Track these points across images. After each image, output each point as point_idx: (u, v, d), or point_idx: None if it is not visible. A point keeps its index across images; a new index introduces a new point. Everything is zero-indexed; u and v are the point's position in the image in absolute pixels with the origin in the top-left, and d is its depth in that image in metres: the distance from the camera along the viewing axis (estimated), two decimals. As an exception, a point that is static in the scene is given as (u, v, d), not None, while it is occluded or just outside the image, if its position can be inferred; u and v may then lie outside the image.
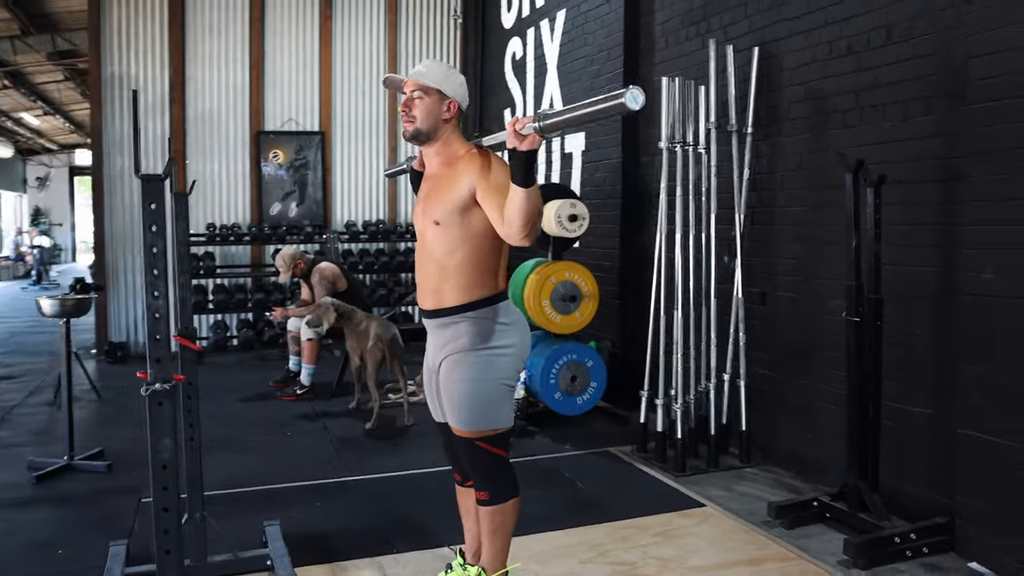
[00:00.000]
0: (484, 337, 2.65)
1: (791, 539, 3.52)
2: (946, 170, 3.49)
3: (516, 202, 2.40)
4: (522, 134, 2.31)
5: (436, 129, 2.70)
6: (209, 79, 8.38)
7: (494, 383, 2.67)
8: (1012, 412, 3.08)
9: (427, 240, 2.72)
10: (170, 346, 2.01)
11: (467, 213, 2.61)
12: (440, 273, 2.68)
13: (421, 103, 2.68)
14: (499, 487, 2.73)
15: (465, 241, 2.63)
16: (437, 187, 2.69)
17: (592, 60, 6.32)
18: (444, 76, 2.72)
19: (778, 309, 4.54)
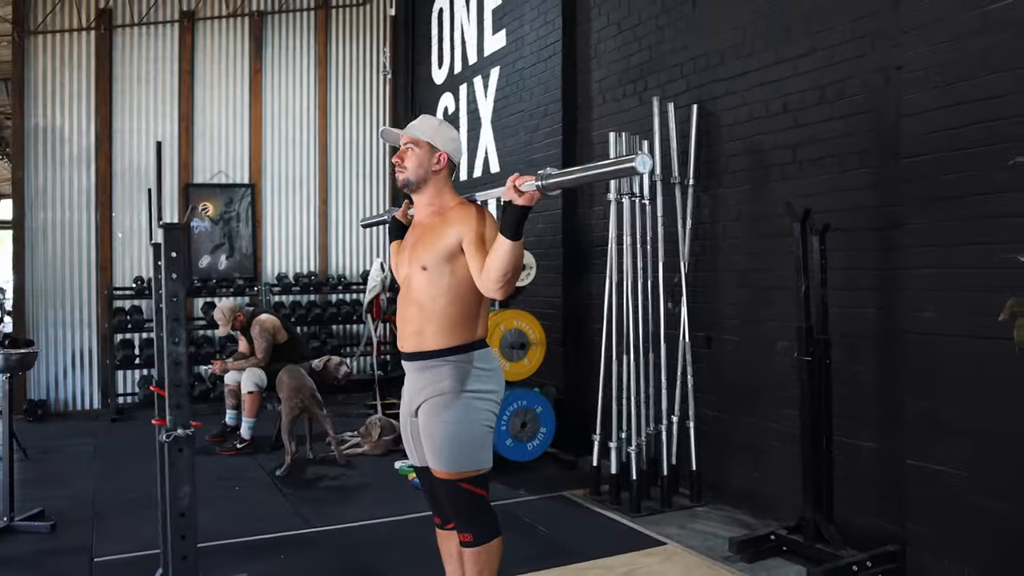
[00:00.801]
0: (464, 381, 2.72)
1: (752, 572, 3.66)
2: (883, 218, 3.76)
3: (500, 253, 2.51)
4: (521, 190, 2.44)
5: (426, 179, 2.82)
6: (137, 131, 8.26)
7: (475, 424, 2.74)
8: (955, 443, 3.31)
9: (412, 285, 2.81)
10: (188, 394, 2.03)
11: (453, 261, 2.71)
12: (423, 316, 2.76)
13: (412, 154, 2.82)
14: (482, 527, 2.78)
15: (450, 288, 2.73)
16: (426, 235, 2.80)
17: (530, 115, 6.53)
18: (435, 130, 2.86)
19: (724, 352, 4.74)
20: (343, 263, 9.20)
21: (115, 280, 8.08)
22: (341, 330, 9.00)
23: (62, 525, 4.43)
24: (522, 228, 2.49)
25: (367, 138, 9.35)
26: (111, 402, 7.69)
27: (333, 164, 9.15)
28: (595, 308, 5.85)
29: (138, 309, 7.96)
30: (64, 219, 7.97)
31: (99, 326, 8.03)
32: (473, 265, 2.65)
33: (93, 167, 8.08)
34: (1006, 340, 3.06)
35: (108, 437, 6.85)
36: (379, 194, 9.40)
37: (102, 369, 8.00)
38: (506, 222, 2.50)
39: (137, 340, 8.00)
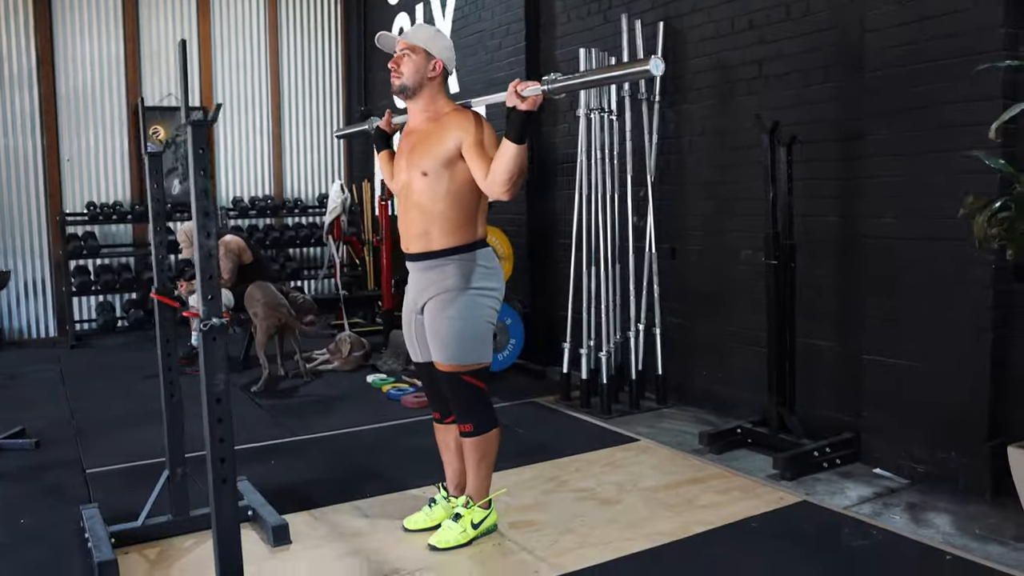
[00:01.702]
0: (468, 278, 2.89)
1: (723, 461, 3.93)
2: (846, 130, 3.96)
3: (506, 157, 2.67)
4: (523, 95, 2.56)
5: (421, 85, 2.92)
6: (81, 52, 8.00)
7: (480, 320, 2.92)
8: (910, 337, 3.59)
9: (413, 190, 2.93)
10: (219, 285, 2.13)
11: (452, 165, 2.84)
12: (426, 219, 2.89)
13: (408, 60, 2.91)
14: (483, 418, 2.98)
15: (449, 192, 2.86)
16: (424, 140, 2.90)
17: (491, 34, 6.54)
18: (430, 37, 2.95)
19: (688, 262, 4.96)
20: (299, 186, 9.15)
21: (65, 206, 7.92)
22: (299, 253, 9.01)
23: (45, 443, 4.47)
24: (526, 132, 2.63)
25: (319, 59, 9.22)
26: (69, 329, 7.62)
27: (285, 85, 9.01)
28: (560, 224, 6.01)
29: (92, 235, 7.84)
30: (8, 144, 7.72)
31: (52, 253, 7.90)
32: (475, 169, 2.78)
33: (36, 90, 7.81)
34: (959, 241, 3.33)
35: (71, 362, 6.83)
36: (333, 115, 9.32)
37: (57, 296, 7.90)
38: (511, 126, 2.64)
39: (92, 267, 7.90)
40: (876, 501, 3.39)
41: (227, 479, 2.14)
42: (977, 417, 3.35)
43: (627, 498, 3.50)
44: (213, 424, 2.12)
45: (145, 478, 3.80)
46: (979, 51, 3.28)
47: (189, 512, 3.20)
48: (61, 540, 3.16)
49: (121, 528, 3.08)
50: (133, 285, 7.86)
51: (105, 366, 6.67)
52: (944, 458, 3.47)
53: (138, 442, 4.44)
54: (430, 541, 2.98)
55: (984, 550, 2.90)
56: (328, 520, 3.31)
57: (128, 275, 7.84)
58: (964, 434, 3.40)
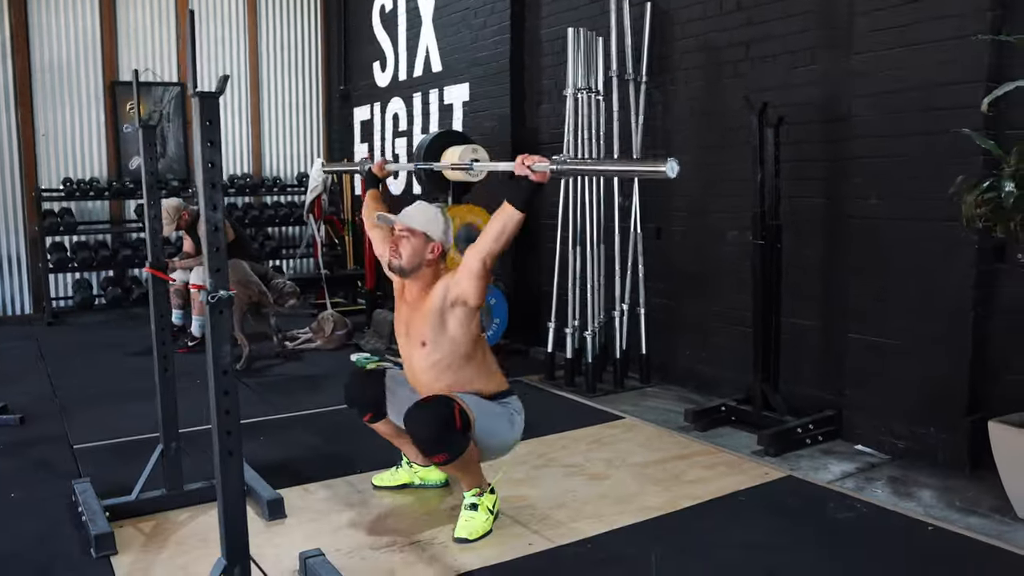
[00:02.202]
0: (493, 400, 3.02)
1: (708, 438, 4.00)
2: (831, 112, 4.02)
3: (504, 217, 2.74)
4: (533, 169, 2.64)
5: (419, 267, 2.98)
6: (56, 25, 7.86)
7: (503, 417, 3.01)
8: (893, 316, 3.66)
9: (415, 365, 3.01)
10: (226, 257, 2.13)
11: (445, 322, 2.90)
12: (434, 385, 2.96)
13: (407, 243, 2.96)
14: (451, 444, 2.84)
15: (449, 365, 2.93)
16: (418, 309, 2.98)
17: (475, 13, 6.52)
18: (429, 220, 2.99)
19: (673, 242, 5.01)
20: (277, 165, 9.08)
21: (41, 182, 7.81)
22: (278, 232, 8.97)
23: (29, 419, 4.44)
24: (532, 204, 2.73)
25: (299, 37, 9.13)
26: (46, 306, 7.54)
27: (264, 63, 8.93)
28: (544, 204, 6.02)
29: (68, 211, 7.75)
30: (-20, 118, 7.62)
31: (27, 230, 7.79)
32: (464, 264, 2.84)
33: (9, 63, 7.67)
34: (943, 222, 3.40)
35: (49, 339, 6.76)
36: (312, 94, 9.25)
37: (33, 273, 7.80)
38: (518, 193, 2.70)
39: (68, 243, 7.81)
40: (859, 476, 3.48)
41: (233, 451, 2.15)
42: (957, 393, 3.44)
43: (616, 473, 3.55)
44: (219, 396, 2.13)
45: (133, 454, 3.81)
46: (966, 34, 3.34)
47: (183, 486, 3.20)
48: (54, 513, 3.16)
49: (115, 502, 3.08)
50: (110, 263, 7.78)
51: (84, 343, 6.61)
52: (924, 434, 3.56)
53: (123, 418, 4.43)
54: (457, 535, 2.89)
55: (965, 521, 2.99)
56: (321, 495, 3.33)
57: (105, 252, 7.76)
58: (944, 410, 3.49)
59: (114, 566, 2.72)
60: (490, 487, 3.05)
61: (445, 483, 3.40)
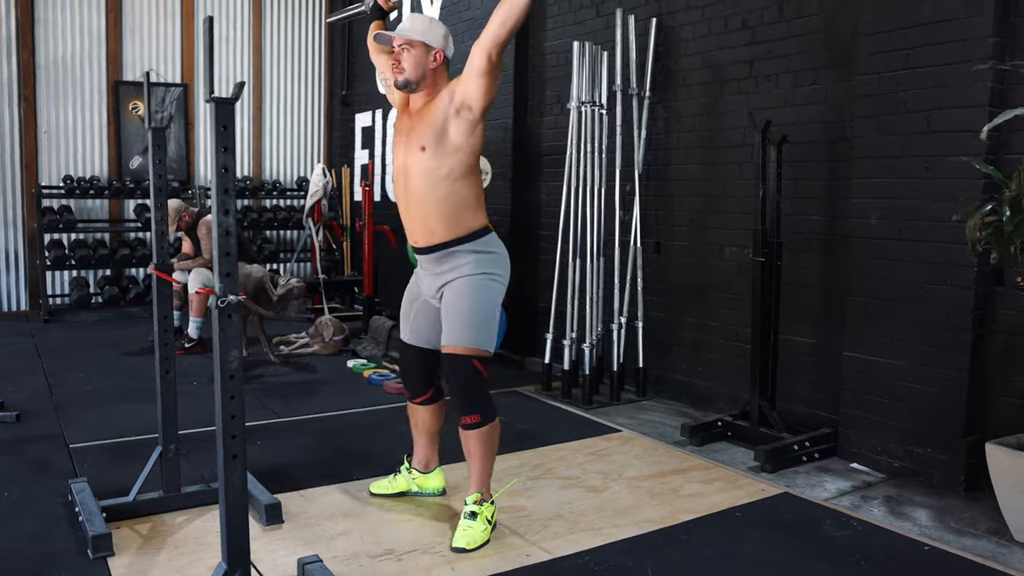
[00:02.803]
0: (482, 264, 2.93)
1: (704, 453, 4.01)
2: (833, 132, 4.05)
3: (508, 2, 2.73)
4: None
5: (424, 77, 2.92)
6: (62, 22, 7.88)
7: (492, 305, 2.97)
8: (890, 335, 3.69)
9: (411, 172, 2.93)
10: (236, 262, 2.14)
11: (448, 135, 2.85)
12: (426, 208, 2.91)
13: (408, 55, 2.90)
14: (488, 408, 3.03)
15: (449, 174, 2.87)
16: (422, 117, 2.92)
17: (480, 23, 6.51)
18: (427, 28, 2.93)
19: (672, 257, 5.03)
20: (278, 169, 9.10)
21: (41, 178, 7.81)
22: (276, 235, 8.97)
23: (25, 416, 4.43)
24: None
25: (302, 42, 9.16)
26: (42, 303, 7.53)
27: (267, 67, 8.95)
28: (542, 216, 6.05)
29: (68, 209, 7.74)
30: (-17, 113, 7.63)
31: (26, 226, 7.79)
32: (470, 66, 2.80)
33: (14, 58, 7.68)
34: (942, 243, 3.43)
35: (45, 336, 6.76)
36: (314, 99, 9.28)
37: (30, 270, 7.79)
38: None
39: (67, 240, 7.80)
40: (854, 494, 3.49)
41: (238, 454, 2.16)
42: (954, 414, 3.46)
43: (613, 486, 3.56)
44: (225, 400, 2.14)
45: (129, 454, 3.82)
46: (968, 59, 3.38)
47: (180, 489, 3.20)
48: (50, 513, 3.15)
49: (113, 503, 3.08)
50: (108, 261, 7.77)
51: (81, 342, 6.60)
52: (920, 454, 3.58)
53: (120, 418, 4.43)
54: (455, 544, 2.88)
55: (960, 542, 3.00)
56: (318, 501, 3.33)
57: (103, 251, 7.75)
58: (941, 431, 3.51)
59: (111, 567, 2.72)
60: (491, 498, 3.06)
61: (442, 492, 3.41)
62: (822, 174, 4.13)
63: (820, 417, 4.13)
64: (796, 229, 4.20)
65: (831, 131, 4.07)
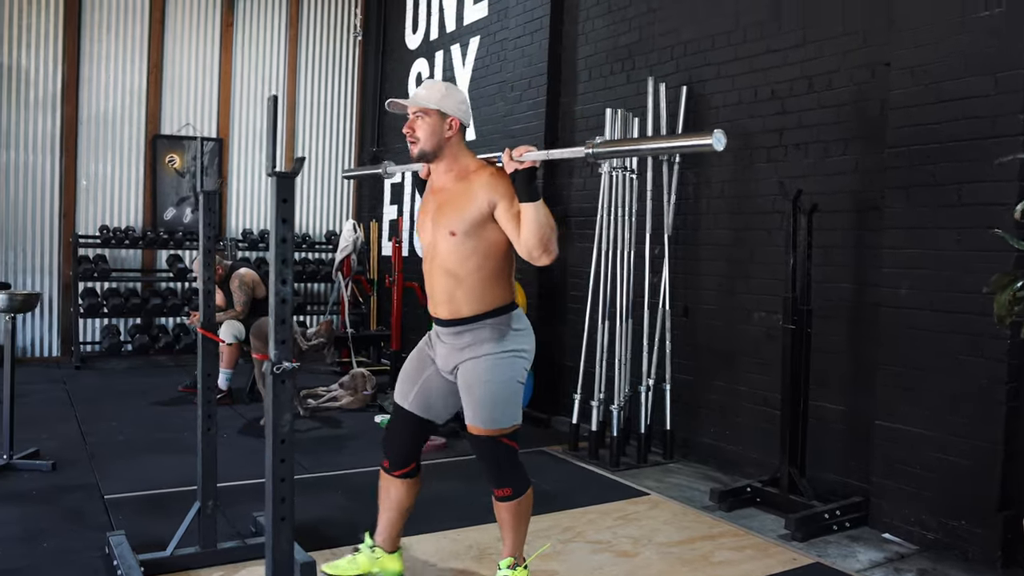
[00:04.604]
0: (505, 341, 2.85)
1: (733, 519, 4.01)
2: (864, 202, 4.12)
3: (529, 219, 2.65)
4: (520, 160, 2.61)
5: (440, 147, 2.86)
6: (105, 79, 8.15)
7: (514, 382, 2.88)
8: (922, 405, 3.70)
9: (439, 250, 2.86)
10: (292, 330, 2.21)
11: (483, 226, 2.78)
12: (452, 282, 2.83)
13: (422, 123, 2.84)
14: (520, 480, 2.96)
15: (478, 251, 2.80)
16: (452, 200, 2.84)
17: (512, 87, 6.71)
18: (442, 96, 2.86)
19: (700, 321, 5.07)
20: (307, 222, 9.27)
21: (78, 228, 8.00)
22: (304, 288, 9.09)
23: (60, 465, 4.50)
24: (536, 187, 2.65)
25: (335, 99, 9.40)
26: (74, 350, 7.65)
27: (301, 124, 9.18)
28: (570, 275, 6.13)
29: (103, 258, 7.91)
30: (27, 162, 7.84)
31: (61, 273, 7.95)
32: (514, 235, 2.73)
33: (59, 112, 7.95)
34: (973, 314, 3.46)
35: (77, 383, 6.86)
36: (345, 155, 9.48)
37: (63, 317, 7.94)
38: (519, 189, 2.65)
39: (99, 289, 7.96)
40: (887, 566, 3.48)
41: (286, 517, 2.21)
42: (988, 487, 3.45)
43: (644, 551, 3.56)
44: (276, 464, 2.19)
45: (163, 507, 3.87)
46: (998, 135, 3.45)
47: (216, 545, 3.24)
48: (88, 565, 3.20)
49: (150, 557, 3.12)
50: (140, 310, 7.90)
51: (111, 390, 6.70)
52: (954, 526, 3.56)
53: (152, 470, 4.50)
54: None
55: (996, 620, 2.99)
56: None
57: (136, 300, 7.89)
58: (975, 504, 3.50)
59: (150, 623, 2.75)
60: (525, 562, 3.05)
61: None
62: (852, 243, 4.18)
63: (850, 485, 4.12)
64: (826, 297, 4.25)
65: (861, 200, 4.14)
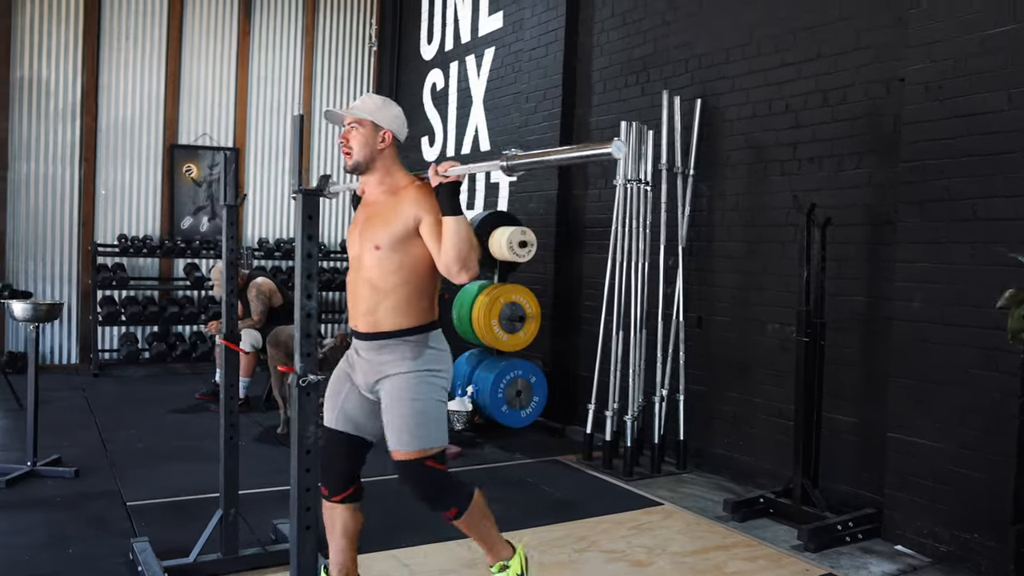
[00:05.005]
0: (422, 360, 2.77)
1: (746, 530, 4.04)
2: (876, 215, 4.15)
3: (449, 233, 2.64)
4: (445, 175, 2.61)
5: (373, 159, 2.84)
6: (124, 89, 8.26)
7: (434, 402, 2.77)
8: (934, 418, 3.73)
9: (364, 263, 2.80)
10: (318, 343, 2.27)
11: (409, 242, 2.75)
12: (375, 296, 2.77)
13: (356, 134, 2.83)
14: (461, 496, 2.83)
15: (403, 267, 2.75)
16: (379, 214, 2.81)
17: (527, 98, 6.78)
18: (377, 108, 2.86)
19: (713, 332, 5.11)
20: (323, 231, 9.34)
21: (97, 236, 8.10)
22: (321, 296, 9.15)
23: (83, 472, 4.58)
24: (458, 202, 2.64)
25: (351, 108, 9.48)
26: (93, 357, 7.74)
27: (316, 134, 9.27)
28: (584, 286, 6.18)
29: (121, 267, 8.01)
30: (47, 172, 7.96)
31: (80, 282, 8.06)
32: (435, 251, 2.71)
33: (78, 122, 8.07)
34: (986, 328, 3.49)
35: (96, 391, 6.95)
36: (361, 164, 9.54)
37: (82, 324, 8.03)
38: (443, 202, 2.64)
39: (118, 297, 8.05)
40: (900, 578, 3.51)
41: (311, 525, 2.26)
42: (1001, 500, 3.47)
43: (657, 561, 3.60)
44: (302, 474, 2.24)
45: (184, 514, 3.95)
46: (1011, 150, 3.48)
47: (238, 551, 3.30)
48: (112, 572, 3.27)
49: (174, 564, 3.18)
50: (157, 318, 7.99)
51: (130, 397, 6.79)
52: (967, 539, 3.58)
53: (172, 477, 4.57)
54: None
55: (1008, 632, 3.01)
56: (369, 569, 3.39)
57: (153, 308, 7.98)
58: (988, 516, 3.52)
59: (174, 629, 2.81)
60: (512, 553, 2.96)
61: None
62: (865, 256, 4.22)
63: (863, 497, 4.15)
64: (839, 309, 4.28)
65: (875, 214, 4.17)
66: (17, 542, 3.58)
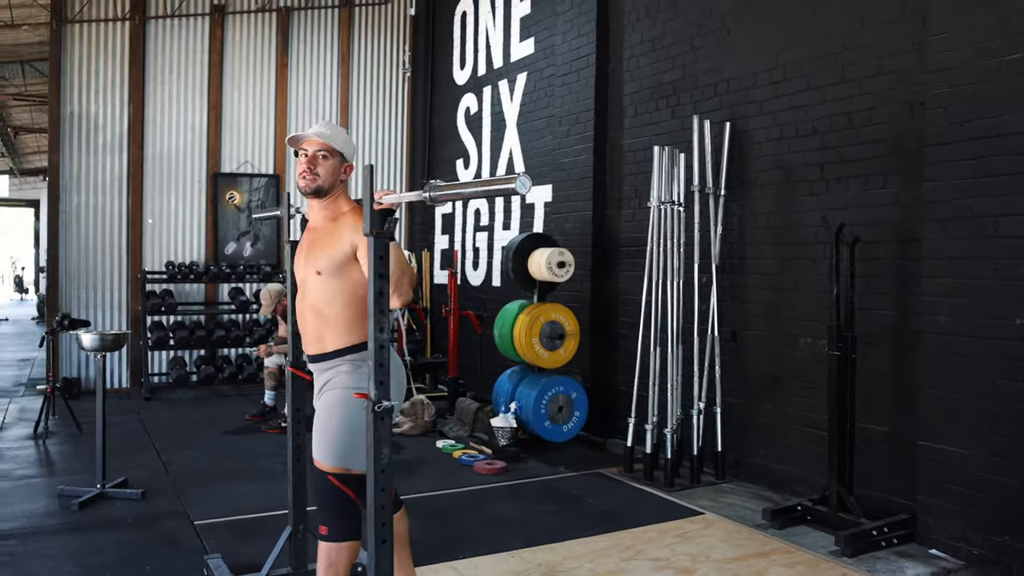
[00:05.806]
0: (358, 376, 2.83)
1: (785, 537, 4.21)
2: (903, 233, 4.32)
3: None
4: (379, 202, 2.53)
5: (333, 187, 2.94)
6: (168, 120, 8.61)
7: (359, 421, 2.68)
8: (963, 426, 3.89)
9: (308, 289, 2.91)
10: (389, 371, 2.49)
11: (348, 267, 2.82)
12: (320, 321, 2.87)
13: (326, 163, 2.91)
14: (340, 528, 2.85)
15: (344, 291, 2.83)
16: (321, 239, 2.89)
17: (560, 121, 7.00)
18: (345, 141, 2.99)
19: (748, 346, 5.29)
20: (360, 252, 9.60)
21: (144, 264, 8.43)
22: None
23: (148, 493, 4.83)
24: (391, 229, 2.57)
25: (386, 134, 9.78)
26: (144, 381, 8.05)
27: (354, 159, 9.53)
28: (621, 303, 6.37)
29: (169, 293, 8.32)
30: (97, 203, 8.31)
31: (130, 308, 8.38)
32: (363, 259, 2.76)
33: (125, 153, 8.41)
34: (1011, 340, 3.65)
35: (149, 414, 7.24)
36: (397, 188, 9.82)
37: (132, 350, 8.35)
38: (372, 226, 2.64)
39: (166, 322, 8.37)
40: (935, 581, 3.66)
41: (386, 540, 2.47)
42: (1030, 506, 3.63)
43: (702, 568, 3.79)
44: (377, 492, 2.46)
45: (251, 531, 4.18)
46: (1029, 171, 3.65)
47: (307, 566, 3.53)
48: (192, 586, 3.50)
49: (247, 579, 3.42)
50: (205, 342, 8.29)
51: (183, 420, 7.06)
52: (999, 542, 3.74)
53: (233, 496, 4.81)
54: None
55: (1040, 631, 3.16)
56: (432, 579, 3.62)
57: (201, 332, 8.27)
58: (1018, 520, 3.67)
59: (256, 637, 3.04)
60: None
61: None
62: (893, 272, 4.38)
63: (896, 503, 4.31)
64: (868, 323, 4.45)
65: (901, 232, 4.34)
66: (95, 561, 3.83)
